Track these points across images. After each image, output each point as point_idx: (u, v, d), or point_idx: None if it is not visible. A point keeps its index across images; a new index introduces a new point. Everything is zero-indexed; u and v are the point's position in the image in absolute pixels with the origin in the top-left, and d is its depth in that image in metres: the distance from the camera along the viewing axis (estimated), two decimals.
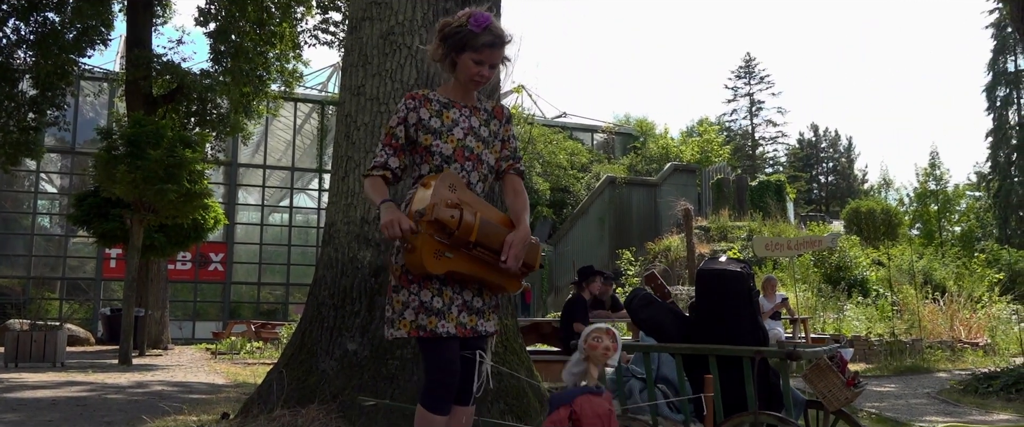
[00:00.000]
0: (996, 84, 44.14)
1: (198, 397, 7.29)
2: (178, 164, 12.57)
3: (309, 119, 32.36)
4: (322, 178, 31.78)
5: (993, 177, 44.77)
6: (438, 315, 2.84)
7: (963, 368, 11.38)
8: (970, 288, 17.04)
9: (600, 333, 2.69)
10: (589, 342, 2.69)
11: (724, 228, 27.47)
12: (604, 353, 2.65)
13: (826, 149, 59.58)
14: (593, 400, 2.56)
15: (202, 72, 19.67)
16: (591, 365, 2.66)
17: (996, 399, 7.75)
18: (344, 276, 4.99)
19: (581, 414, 2.53)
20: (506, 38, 2.98)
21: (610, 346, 2.66)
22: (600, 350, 2.65)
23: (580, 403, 2.54)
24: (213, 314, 29.77)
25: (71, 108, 22.99)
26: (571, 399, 2.56)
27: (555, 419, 2.54)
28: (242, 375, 10.01)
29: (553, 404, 2.58)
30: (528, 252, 2.93)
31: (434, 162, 2.96)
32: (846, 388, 3.12)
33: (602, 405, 2.57)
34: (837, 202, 52.03)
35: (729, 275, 3.10)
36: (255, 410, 4.89)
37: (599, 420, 2.54)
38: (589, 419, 2.53)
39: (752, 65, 56.55)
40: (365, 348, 4.75)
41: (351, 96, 5.28)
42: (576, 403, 2.55)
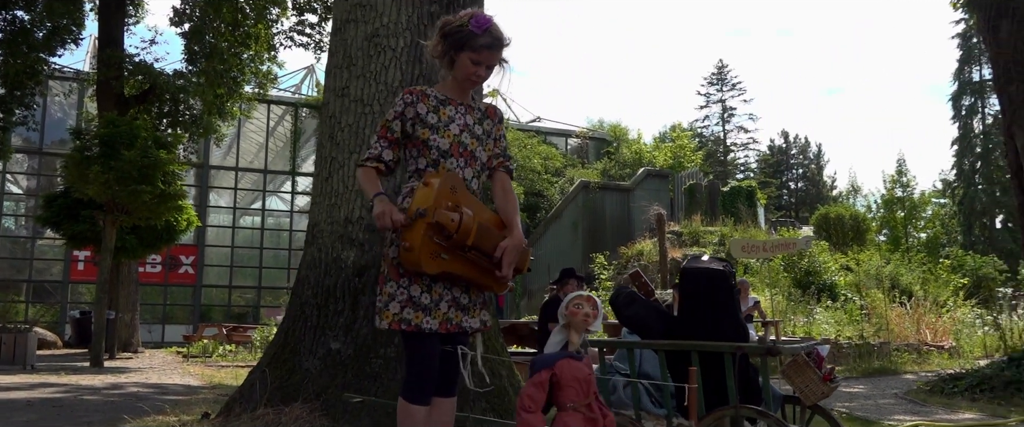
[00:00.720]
0: (962, 93, 45.08)
1: (174, 398, 7.26)
2: (153, 165, 12.48)
3: (282, 121, 32.18)
4: (295, 181, 31.62)
5: (958, 185, 45.66)
6: (425, 311, 2.90)
7: (929, 370, 11.63)
8: (936, 293, 17.40)
9: (581, 300, 2.78)
10: (570, 308, 2.77)
11: (696, 233, 27.73)
12: (585, 319, 2.73)
13: (796, 156, 60.41)
14: (573, 364, 2.65)
15: (175, 73, 19.51)
16: (572, 331, 2.75)
17: (961, 399, 7.95)
18: (328, 276, 5.02)
19: (561, 376, 2.61)
20: (505, 41, 3.06)
21: (590, 313, 2.75)
22: (580, 316, 2.73)
23: (561, 366, 2.63)
24: (183, 317, 29.46)
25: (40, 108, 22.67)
26: (553, 362, 2.65)
27: (536, 381, 2.63)
28: (217, 377, 9.96)
29: (535, 367, 2.67)
30: (519, 258, 3.00)
31: (431, 156, 3.02)
32: (823, 383, 3.23)
33: (582, 369, 2.66)
34: (806, 208, 52.75)
35: (713, 273, 3.20)
36: (237, 409, 4.90)
37: (578, 383, 2.62)
38: (568, 381, 2.61)
39: (725, 72, 57.23)
40: (349, 347, 4.78)
41: (335, 97, 5.32)
42: (557, 366, 2.63)
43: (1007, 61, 8.49)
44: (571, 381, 2.62)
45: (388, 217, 2.80)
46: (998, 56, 8.64)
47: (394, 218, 2.79)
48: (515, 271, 3.03)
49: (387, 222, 2.80)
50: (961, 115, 45.24)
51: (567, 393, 2.62)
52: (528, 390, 2.62)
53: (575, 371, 2.64)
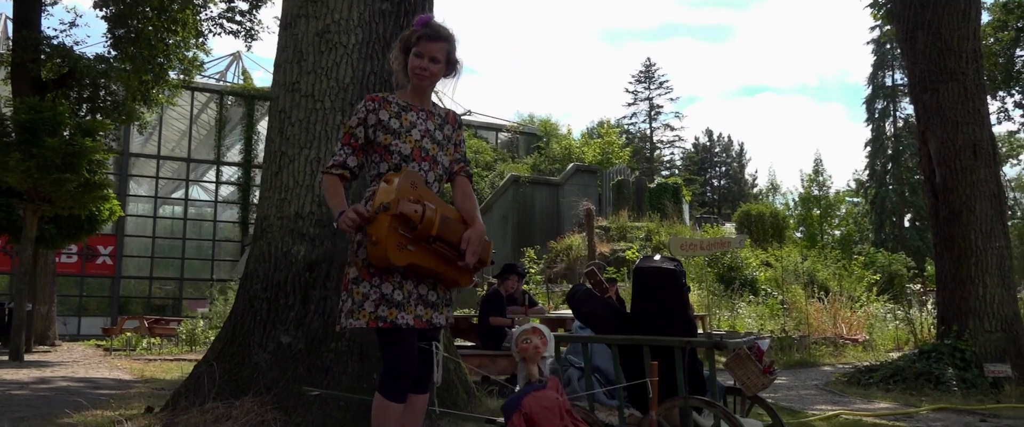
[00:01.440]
0: (875, 97, 47.03)
1: (108, 393, 7.12)
2: (77, 153, 12.08)
3: (206, 109, 31.41)
4: (220, 170, 30.92)
5: (870, 184, 47.64)
6: (398, 307, 2.99)
7: (845, 362, 12.21)
8: (850, 288, 18.19)
9: (527, 334, 2.90)
10: (520, 345, 2.88)
11: (624, 228, 28.26)
12: (536, 351, 2.85)
13: (719, 154, 62.01)
14: (538, 396, 2.76)
15: (96, 57, 18.83)
16: (528, 364, 2.85)
17: (876, 390, 8.41)
18: (277, 270, 5.04)
19: (532, 413, 2.71)
20: (443, 33, 3.18)
21: (539, 344, 2.86)
22: (531, 350, 2.84)
23: (527, 404, 2.73)
24: (100, 309, 28.53)
25: None
26: (519, 403, 2.74)
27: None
28: (147, 371, 9.77)
29: (506, 413, 2.75)
30: (483, 248, 3.12)
31: (393, 160, 3.11)
32: (763, 375, 3.45)
33: (548, 396, 2.77)
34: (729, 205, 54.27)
35: (664, 272, 3.38)
36: (183, 403, 4.88)
37: (549, 412, 2.73)
38: (540, 414, 2.72)
39: (652, 70, 58.28)
40: (300, 341, 4.82)
41: (285, 92, 5.33)
42: (524, 405, 2.73)
43: (923, 71, 8.99)
44: (543, 412, 2.72)
45: (353, 214, 2.88)
46: (914, 66, 9.14)
47: (359, 211, 2.87)
48: (479, 263, 3.15)
49: (353, 217, 2.87)
50: (874, 118, 47.20)
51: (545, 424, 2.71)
52: None
53: (542, 401, 2.74)
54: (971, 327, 8.49)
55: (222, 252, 30.85)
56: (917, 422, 6.31)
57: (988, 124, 8.88)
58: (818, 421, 6.04)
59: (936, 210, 8.98)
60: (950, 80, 8.73)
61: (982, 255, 8.55)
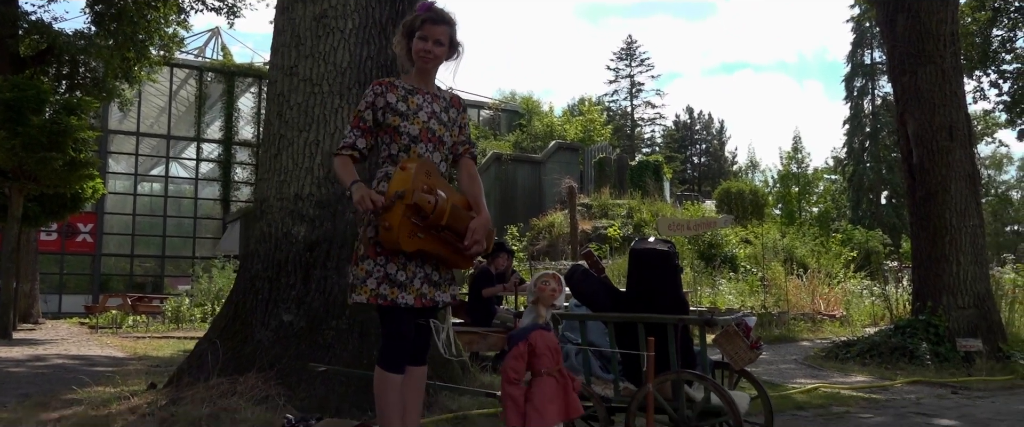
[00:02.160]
0: (854, 75, 47.46)
1: (104, 370, 7.24)
2: (62, 131, 12.05)
3: (185, 85, 31.17)
4: (200, 147, 30.76)
5: (848, 162, 48.20)
6: (400, 287, 3.15)
7: (823, 337, 12.53)
8: (827, 265, 18.55)
9: (547, 277, 3.09)
10: (538, 286, 3.08)
11: (605, 205, 28.49)
12: (552, 294, 3.05)
13: (700, 131, 62.39)
14: (545, 335, 2.97)
15: (75, 33, 18.66)
16: (541, 306, 3.05)
17: (853, 364, 8.70)
18: (278, 250, 5.17)
19: (536, 346, 2.92)
20: (446, 16, 3.33)
21: (556, 288, 3.07)
22: (548, 292, 3.05)
23: (534, 337, 2.94)
24: (81, 287, 28.43)
25: None
26: (527, 334, 2.95)
27: (516, 353, 2.92)
28: (139, 348, 9.87)
29: (512, 341, 2.96)
30: (486, 237, 3.28)
31: (402, 142, 3.26)
32: (750, 350, 3.65)
33: (552, 339, 2.98)
34: (709, 182, 54.70)
35: (658, 253, 3.55)
36: (186, 379, 5.01)
37: (550, 352, 2.94)
38: (542, 350, 2.93)
39: (633, 47, 58.35)
40: (301, 319, 4.96)
41: (283, 76, 5.42)
42: (531, 337, 2.94)
43: (902, 53, 9.20)
44: (545, 350, 2.92)
45: (368, 200, 3.02)
46: (894, 48, 9.35)
47: (374, 200, 3.02)
48: (483, 249, 3.31)
49: (368, 205, 3.02)
50: (853, 96, 47.68)
51: (542, 360, 2.92)
52: (511, 363, 2.90)
53: (548, 341, 2.95)
54: (945, 303, 8.77)
55: (203, 230, 30.77)
56: (892, 394, 6.57)
57: (964, 106, 9.12)
58: (798, 394, 6.28)
59: (913, 190, 9.23)
60: (928, 63, 8.95)
61: (956, 234, 8.81)
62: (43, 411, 4.82)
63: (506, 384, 2.88)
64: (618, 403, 3.63)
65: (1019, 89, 20.44)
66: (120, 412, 4.58)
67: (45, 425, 4.38)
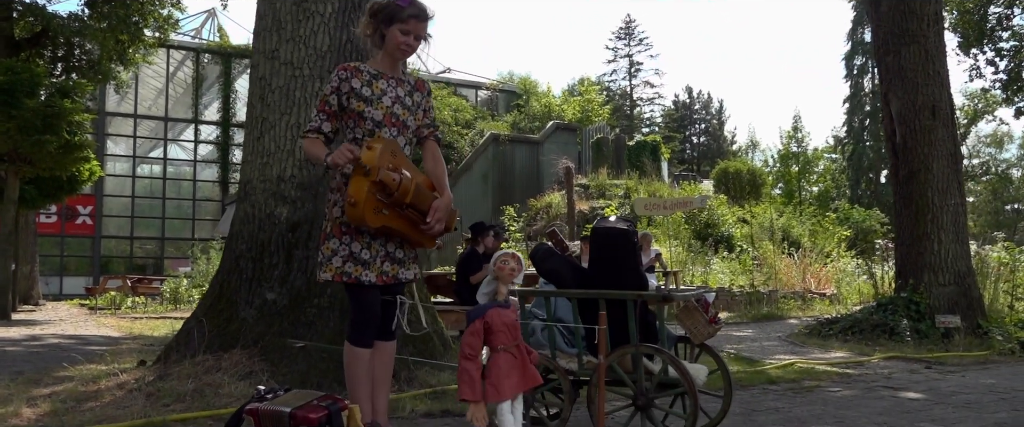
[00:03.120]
0: (854, 53, 47.27)
1: (98, 349, 7.40)
2: (57, 114, 12.16)
3: (182, 66, 31.20)
4: (198, 129, 30.83)
5: (848, 141, 48.17)
6: (364, 265, 3.27)
7: (811, 315, 12.70)
8: (822, 244, 18.70)
9: (507, 257, 3.22)
10: (498, 264, 3.20)
11: (603, 186, 28.57)
12: (510, 273, 3.18)
13: (699, 111, 62.29)
14: (501, 312, 3.09)
15: (70, 15, 18.70)
16: (500, 284, 3.18)
17: (835, 340, 8.85)
18: (261, 231, 5.30)
19: (492, 323, 3.05)
20: (429, 13, 3.41)
21: (515, 267, 3.20)
22: (507, 271, 3.17)
23: (490, 315, 3.07)
24: (82, 269, 28.65)
25: None
26: (484, 312, 3.08)
27: (472, 330, 3.06)
28: (135, 328, 10.04)
29: (470, 318, 3.09)
30: (449, 217, 3.40)
31: (366, 127, 3.37)
32: (709, 325, 3.78)
33: (509, 316, 3.11)
34: (708, 162, 54.68)
35: (618, 232, 3.67)
36: (174, 356, 5.17)
37: (506, 328, 3.07)
38: (498, 327, 3.06)
39: (632, 27, 58.15)
40: (284, 297, 5.10)
41: (265, 59, 5.52)
42: (487, 315, 3.07)
43: (886, 33, 9.28)
44: (500, 326, 3.05)
45: (344, 152, 3.11)
46: (878, 27, 9.43)
47: (351, 150, 3.11)
48: (445, 229, 3.43)
49: (347, 155, 3.10)
50: (853, 74, 47.53)
51: (498, 337, 3.05)
52: (467, 339, 3.04)
53: (503, 317, 3.08)
54: (926, 281, 8.91)
55: (202, 211, 30.94)
56: (866, 369, 6.72)
57: (947, 85, 9.21)
58: (772, 369, 6.43)
59: (896, 168, 9.34)
60: (912, 42, 9.03)
61: (938, 212, 8.94)
62: (34, 387, 4.98)
63: (462, 359, 3.01)
64: (582, 376, 3.77)
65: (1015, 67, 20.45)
66: (109, 388, 4.73)
67: (36, 400, 4.53)
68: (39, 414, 4.19)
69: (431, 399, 4.73)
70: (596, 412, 3.53)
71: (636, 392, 3.55)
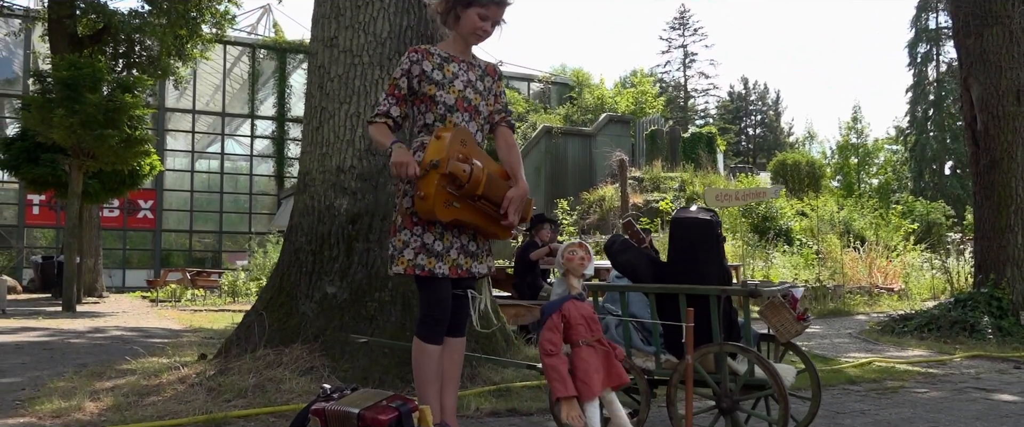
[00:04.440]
0: (918, 40, 45.79)
1: (160, 341, 7.41)
2: (118, 109, 12.32)
3: (239, 62, 31.62)
4: (254, 124, 31.23)
5: (911, 131, 46.72)
6: (437, 257, 3.11)
7: (879, 311, 12.22)
8: (886, 238, 18.05)
9: (574, 247, 3.03)
10: (565, 256, 3.01)
11: (657, 179, 28.14)
12: (581, 263, 2.99)
13: (755, 102, 61.11)
14: (578, 305, 2.91)
15: (130, 12, 19.03)
16: (571, 277, 2.99)
17: (910, 338, 8.44)
18: (321, 223, 5.18)
19: (569, 317, 2.87)
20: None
21: (584, 256, 3.00)
22: (576, 261, 2.98)
23: (567, 308, 2.88)
24: (143, 262, 29.27)
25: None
26: (560, 305, 2.89)
27: (550, 325, 2.88)
28: (195, 321, 10.10)
29: (545, 313, 2.91)
30: (524, 207, 3.22)
31: (438, 111, 3.20)
32: (797, 322, 3.53)
33: (586, 308, 2.93)
34: (764, 154, 53.63)
35: (700, 222, 3.45)
36: (235, 351, 5.09)
37: (586, 321, 2.88)
38: (577, 320, 2.87)
39: (686, 17, 57.29)
40: (344, 291, 4.98)
41: (324, 48, 5.41)
42: (564, 308, 2.89)
43: (966, 14, 8.80)
44: (579, 319, 2.86)
45: (406, 168, 2.97)
46: (957, 9, 8.95)
47: (409, 172, 2.97)
48: (519, 220, 3.25)
49: (405, 173, 2.97)
50: (916, 62, 46.05)
51: (578, 331, 2.86)
52: (546, 335, 2.85)
53: (582, 310, 2.89)
54: (1009, 275, 8.44)
55: (259, 205, 31.36)
56: (950, 369, 6.36)
57: None
58: (850, 368, 6.11)
59: (976, 157, 8.87)
60: (995, 24, 8.55)
61: (1022, 203, 8.46)
62: (97, 381, 4.95)
63: (545, 357, 2.83)
64: (660, 376, 3.56)
65: None
66: (170, 382, 4.67)
67: (99, 394, 4.49)
68: (102, 408, 4.13)
69: (495, 397, 4.57)
70: (676, 415, 3.32)
71: (720, 394, 3.32)
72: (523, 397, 4.57)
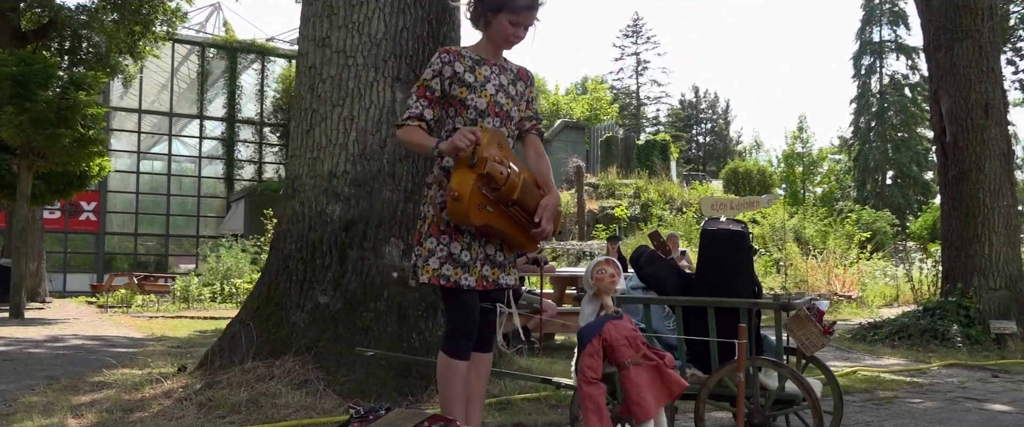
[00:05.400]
0: (862, 53, 47.04)
1: (125, 351, 7.08)
2: (71, 107, 11.81)
3: (186, 61, 30.84)
4: (203, 125, 30.49)
5: (854, 142, 47.91)
6: (463, 268, 2.96)
7: (841, 318, 12.39)
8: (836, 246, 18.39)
9: (602, 265, 2.91)
10: (595, 276, 2.89)
11: (612, 185, 28.27)
12: (611, 281, 2.87)
13: (705, 110, 61.98)
14: (617, 324, 2.78)
15: (78, 7, 18.38)
16: (603, 296, 2.87)
17: (882, 346, 8.55)
18: (312, 230, 4.98)
19: (611, 340, 2.73)
20: (541, 0, 3.10)
21: (614, 273, 2.88)
22: (607, 280, 2.86)
23: (607, 330, 2.75)
24: (85, 265, 28.30)
25: None
26: (599, 328, 2.76)
27: (591, 351, 2.74)
28: (154, 328, 9.72)
29: (584, 338, 2.77)
30: (556, 217, 3.09)
31: (469, 116, 3.06)
32: (823, 335, 3.48)
33: (626, 327, 2.80)
34: (714, 162, 54.41)
35: (731, 234, 3.37)
36: (218, 362, 4.86)
37: (628, 340, 2.75)
38: (619, 342, 2.74)
39: (640, 25, 57.85)
40: (337, 301, 4.79)
41: (315, 48, 5.21)
42: (604, 331, 2.75)
43: (937, 28, 8.97)
44: (621, 341, 2.74)
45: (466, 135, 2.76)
46: (929, 23, 9.12)
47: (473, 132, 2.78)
48: (551, 230, 3.12)
49: (470, 137, 2.76)
50: (861, 74, 47.28)
51: (622, 352, 2.74)
52: (587, 362, 2.71)
53: (622, 330, 2.76)
54: (976, 284, 8.61)
55: (207, 208, 30.61)
56: (933, 378, 6.42)
57: (1000, 82, 8.93)
58: (838, 377, 6.12)
59: (945, 169, 9.04)
60: (965, 38, 8.73)
61: (989, 214, 8.64)
62: (73, 395, 4.67)
63: (584, 384, 2.68)
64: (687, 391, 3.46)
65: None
66: (155, 396, 4.42)
67: (79, 409, 4.22)
68: (86, 425, 3.88)
69: (499, 410, 4.43)
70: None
71: (751, 409, 3.25)
72: (526, 410, 4.45)
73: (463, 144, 2.76)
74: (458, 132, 2.81)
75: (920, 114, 46.28)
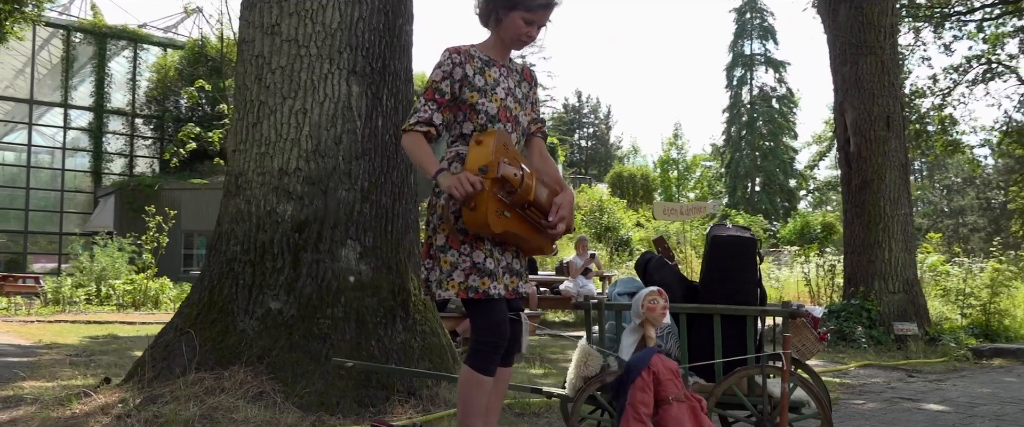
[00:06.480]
0: (735, 65, 49.25)
1: (17, 360, 6.40)
2: None
3: (48, 45, 28.69)
4: (68, 114, 28.45)
5: (725, 149, 50.12)
6: (491, 276, 2.79)
7: None
8: None
9: (655, 295, 2.80)
10: (647, 305, 2.78)
11: None
12: (662, 312, 2.77)
13: (588, 115, 63.24)
14: (664, 359, 2.69)
15: None
16: (649, 327, 2.76)
17: None
18: (261, 231, 4.63)
19: (659, 373, 2.63)
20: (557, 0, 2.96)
21: (666, 305, 2.79)
22: (658, 311, 2.76)
23: (655, 363, 2.65)
24: None
25: None
26: (648, 361, 2.65)
27: (641, 386, 2.62)
28: (38, 334, 8.88)
29: (633, 370, 2.65)
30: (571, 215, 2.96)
31: (479, 121, 2.89)
32: (818, 342, 3.51)
33: (672, 362, 2.70)
34: (596, 165, 55.60)
35: (740, 241, 3.33)
36: (150, 373, 4.44)
37: (673, 375, 2.66)
38: (665, 375, 2.64)
39: None
40: (291, 307, 4.47)
41: (263, 35, 4.85)
42: (652, 364, 2.65)
43: (843, 43, 9.42)
44: (668, 374, 2.65)
45: (465, 183, 2.60)
46: (835, 38, 9.56)
47: (472, 181, 2.61)
48: (565, 230, 2.99)
49: (467, 188, 2.61)
50: (733, 85, 49.47)
51: (667, 387, 2.64)
52: (639, 397, 2.59)
53: (667, 364, 2.67)
54: (877, 288, 9.09)
55: (71, 204, 28.55)
56: (854, 378, 6.70)
57: (900, 96, 9.46)
58: None
59: (848, 178, 9.50)
60: (869, 54, 9.20)
61: (889, 221, 9.14)
62: None
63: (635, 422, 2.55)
64: None
65: None
66: (90, 412, 3.98)
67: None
68: None
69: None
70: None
71: (757, 417, 3.22)
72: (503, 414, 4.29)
73: (458, 195, 2.62)
74: (457, 178, 2.63)
75: (786, 125, 48.97)
